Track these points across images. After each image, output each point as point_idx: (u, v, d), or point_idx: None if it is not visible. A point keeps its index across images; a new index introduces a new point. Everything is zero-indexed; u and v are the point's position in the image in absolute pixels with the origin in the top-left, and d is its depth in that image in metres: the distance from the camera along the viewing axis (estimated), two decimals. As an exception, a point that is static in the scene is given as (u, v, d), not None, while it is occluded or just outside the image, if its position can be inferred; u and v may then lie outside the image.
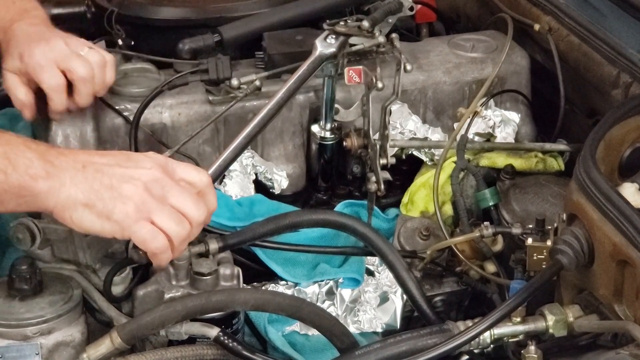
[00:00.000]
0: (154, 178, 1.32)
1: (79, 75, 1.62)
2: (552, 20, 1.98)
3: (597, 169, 1.40)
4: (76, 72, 1.62)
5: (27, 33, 1.65)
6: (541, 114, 1.97)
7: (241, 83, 1.73)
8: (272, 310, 1.46)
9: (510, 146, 1.84)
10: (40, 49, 1.62)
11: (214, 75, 1.73)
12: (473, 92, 1.90)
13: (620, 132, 1.56)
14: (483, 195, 1.77)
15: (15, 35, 1.65)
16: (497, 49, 1.94)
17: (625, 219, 1.31)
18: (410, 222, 1.78)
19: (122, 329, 1.39)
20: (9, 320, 1.38)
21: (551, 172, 1.82)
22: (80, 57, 1.63)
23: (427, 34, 2.31)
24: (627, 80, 1.77)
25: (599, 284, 1.40)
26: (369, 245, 1.57)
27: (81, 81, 1.63)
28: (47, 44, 1.63)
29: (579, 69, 1.90)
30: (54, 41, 1.64)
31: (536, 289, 1.39)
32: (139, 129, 1.73)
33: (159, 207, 1.31)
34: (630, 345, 1.29)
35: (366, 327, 1.68)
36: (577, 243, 1.39)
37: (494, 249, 1.71)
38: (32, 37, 1.64)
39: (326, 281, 1.69)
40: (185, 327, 1.42)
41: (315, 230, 1.71)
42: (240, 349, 1.42)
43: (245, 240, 1.56)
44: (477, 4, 2.24)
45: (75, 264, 1.51)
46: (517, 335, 1.41)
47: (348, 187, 1.90)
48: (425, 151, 1.84)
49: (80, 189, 1.30)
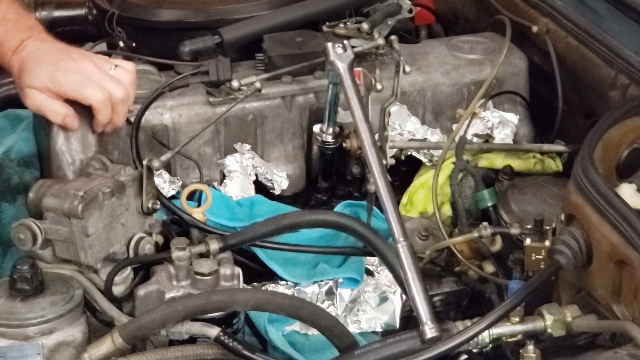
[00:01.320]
0: None
1: (117, 97, 1.64)
2: (550, 22, 1.98)
3: (595, 170, 1.40)
4: (114, 95, 1.64)
5: (48, 51, 1.65)
6: (539, 115, 1.97)
7: (242, 85, 1.73)
8: (272, 310, 1.46)
9: (509, 147, 1.84)
10: (73, 68, 1.63)
11: (214, 77, 1.73)
12: (472, 93, 1.90)
13: (618, 133, 1.56)
14: (482, 196, 1.77)
15: (33, 53, 1.64)
16: (496, 50, 1.94)
17: (623, 219, 1.32)
18: (410, 223, 1.78)
19: (123, 329, 1.40)
20: (11, 320, 1.38)
21: (549, 172, 1.82)
22: (114, 79, 1.65)
23: (425, 36, 2.32)
24: (624, 82, 1.78)
25: (597, 284, 1.40)
26: (368, 246, 1.58)
27: (120, 103, 1.65)
28: (76, 63, 1.64)
29: (576, 70, 1.91)
30: (83, 62, 1.64)
31: (534, 289, 1.39)
32: (140, 130, 1.74)
33: None
34: (628, 344, 1.30)
35: (365, 327, 1.69)
36: (575, 243, 1.40)
37: (493, 249, 1.72)
38: (56, 55, 1.64)
39: (326, 281, 1.70)
40: (186, 326, 1.43)
41: (315, 231, 1.71)
42: (240, 349, 1.42)
43: (246, 241, 1.57)
44: (475, 5, 2.24)
45: (76, 264, 1.51)
46: (515, 335, 1.42)
47: (348, 187, 1.91)
48: (424, 152, 1.85)
49: None
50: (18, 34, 1.67)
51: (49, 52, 1.64)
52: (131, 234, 1.57)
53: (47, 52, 1.64)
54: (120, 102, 1.65)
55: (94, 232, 1.49)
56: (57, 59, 1.63)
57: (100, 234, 1.50)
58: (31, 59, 1.63)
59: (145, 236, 1.58)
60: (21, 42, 1.66)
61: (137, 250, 1.56)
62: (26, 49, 1.65)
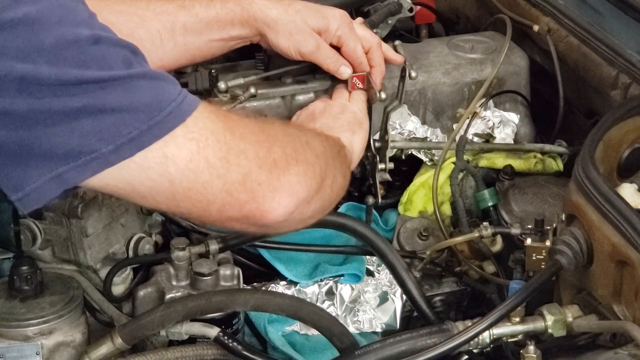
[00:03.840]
0: None
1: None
2: (551, 21, 1.98)
3: (596, 170, 1.40)
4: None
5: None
6: (540, 115, 1.97)
7: (229, 87, 1.72)
8: (272, 311, 1.46)
9: (510, 147, 1.84)
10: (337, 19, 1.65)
11: (193, 87, 1.73)
12: (472, 92, 1.90)
13: (619, 132, 1.56)
14: (482, 196, 1.77)
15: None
16: (497, 49, 1.94)
17: (624, 219, 1.32)
18: (410, 223, 1.78)
19: (123, 329, 1.40)
20: (10, 320, 1.38)
21: (550, 172, 1.82)
22: None
23: (426, 35, 2.31)
24: (626, 81, 1.77)
25: (597, 284, 1.40)
26: (368, 246, 1.58)
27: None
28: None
29: (578, 69, 1.90)
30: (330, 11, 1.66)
31: (535, 289, 1.39)
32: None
33: None
34: (629, 345, 1.29)
35: (366, 327, 1.69)
36: (576, 243, 1.40)
37: (493, 249, 1.71)
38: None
39: (326, 281, 1.70)
40: (186, 327, 1.43)
41: (317, 230, 1.71)
42: (240, 349, 1.42)
43: (246, 241, 1.57)
44: (476, 5, 2.24)
45: (75, 264, 1.51)
46: (516, 335, 1.41)
47: (348, 187, 1.90)
48: (424, 151, 1.84)
49: None
50: None
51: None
52: (131, 234, 1.57)
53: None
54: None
55: (94, 232, 1.49)
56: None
57: (99, 234, 1.50)
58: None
59: (145, 236, 1.58)
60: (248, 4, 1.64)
61: (137, 250, 1.56)
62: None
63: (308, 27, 1.63)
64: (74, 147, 1.12)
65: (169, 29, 1.60)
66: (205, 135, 1.19)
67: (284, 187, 1.24)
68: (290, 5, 1.64)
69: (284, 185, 1.25)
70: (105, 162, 1.13)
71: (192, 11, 1.61)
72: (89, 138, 1.12)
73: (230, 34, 1.64)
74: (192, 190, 1.19)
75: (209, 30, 1.62)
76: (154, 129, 1.14)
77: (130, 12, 1.58)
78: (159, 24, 1.59)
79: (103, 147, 1.12)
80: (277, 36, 1.63)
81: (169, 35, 1.60)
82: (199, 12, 1.61)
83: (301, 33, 1.62)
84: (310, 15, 1.63)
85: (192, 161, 1.18)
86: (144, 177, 1.16)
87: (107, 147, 1.12)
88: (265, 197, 1.23)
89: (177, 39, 1.61)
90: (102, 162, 1.13)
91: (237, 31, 1.63)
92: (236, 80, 1.73)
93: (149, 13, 1.59)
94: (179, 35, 1.60)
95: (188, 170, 1.18)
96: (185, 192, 1.19)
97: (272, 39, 1.64)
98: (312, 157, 1.31)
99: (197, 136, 1.18)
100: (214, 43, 1.64)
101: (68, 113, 1.11)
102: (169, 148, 1.16)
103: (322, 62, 1.65)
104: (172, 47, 1.61)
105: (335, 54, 1.66)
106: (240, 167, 1.21)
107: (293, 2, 1.65)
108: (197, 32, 1.61)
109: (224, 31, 1.62)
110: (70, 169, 1.12)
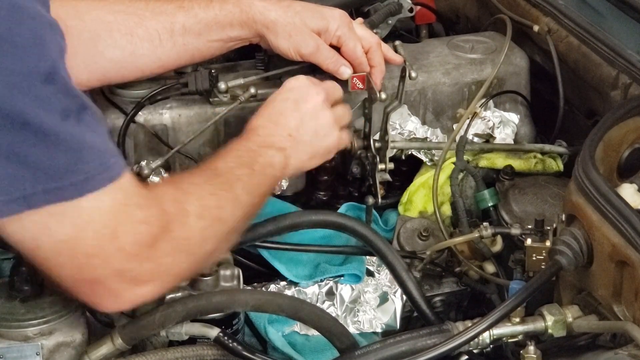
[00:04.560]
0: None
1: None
2: (551, 22, 1.98)
3: (596, 170, 1.40)
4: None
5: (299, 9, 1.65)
6: (540, 115, 1.97)
7: (229, 87, 1.73)
8: (272, 311, 1.46)
9: (510, 147, 1.84)
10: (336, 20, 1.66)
11: (193, 87, 1.73)
12: (472, 93, 1.90)
13: (619, 133, 1.56)
14: (482, 196, 1.77)
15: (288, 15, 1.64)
16: (497, 50, 1.94)
17: (624, 219, 1.32)
18: (410, 223, 1.78)
19: (123, 330, 1.40)
20: (10, 321, 1.38)
21: (550, 172, 1.82)
22: None
23: (426, 35, 2.31)
24: (626, 81, 1.77)
25: (598, 285, 1.40)
26: (368, 246, 1.58)
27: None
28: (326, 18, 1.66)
29: (578, 69, 1.90)
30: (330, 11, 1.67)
31: (535, 289, 1.39)
32: (141, 129, 1.74)
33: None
34: (629, 345, 1.29)
35: (366, 328, 1.69)
36: (576, 244, 1.40)
37: (493, 250, 1.71)
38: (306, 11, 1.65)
39: (326, 282, 1.70)
40: (186, 327, 1.43)
41: (317, 231, 1.71)
42: (240, 350, 1.42)
43: (246, 241, 1.57)
44: (476, 5, 2.24)
45: (76, 264, 1.51)
46: (516, 335, 1.41)
47: (348, 187, 1.90)
48: (424, 151, 1.84)
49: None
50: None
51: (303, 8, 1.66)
52: (131, 234, 1.56)
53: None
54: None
55: (94, 233, 1.49)
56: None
57: (99, 235, 1.50)
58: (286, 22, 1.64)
59: (145, 236, 1.57)
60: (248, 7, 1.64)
61: (137, 250, 1.56)
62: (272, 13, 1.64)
63: (307, 28, 1.63)
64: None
65: (168, 29, 1.60)
66: (85, 224, 1.19)
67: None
68: (290, 6, 1.64)
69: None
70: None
71: (191, 12, 1.61)
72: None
73: (230, 35, 1.64)
74: (50, 263, 1.24)
75: (208, 31, 1.62)
76: (47, 194, 1.16)
77: (128, 11, 1.58)
78: (158, 24, 1.59)
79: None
80: (276, 38, 1.63)
81: (168, 36, 1.60)
82: (198, 13, 1.61)
83: (301, 34, 1.62)
84: (309, 16, 1.63)
85: (62, 242, 1.20)
86: (26, 235, 1.19)
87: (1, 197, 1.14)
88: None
89: (176, 39, 1.61)
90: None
91: (236, 32, 1.64)
92: (236, 80, 1.74)
93: (147, 13, 1.59)
94: (178, 35, 1.60)
95: (56, 246, 1.21)
96: (47, 262, 1.24)
97: (271, 40, 1.64)
98: None
99: (79, 222, 1.19)
100: (213, 44, 1.64)
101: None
102: (51, 219, 1.17)
103: (322, 62, 1.65)
104: (171, 47, 1.61)
105: (335, 54, 1.65)
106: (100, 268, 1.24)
107: (292, 3, 1.65)
108: (196, 32, 1.61)
109: (223, 32, 1.63)
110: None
